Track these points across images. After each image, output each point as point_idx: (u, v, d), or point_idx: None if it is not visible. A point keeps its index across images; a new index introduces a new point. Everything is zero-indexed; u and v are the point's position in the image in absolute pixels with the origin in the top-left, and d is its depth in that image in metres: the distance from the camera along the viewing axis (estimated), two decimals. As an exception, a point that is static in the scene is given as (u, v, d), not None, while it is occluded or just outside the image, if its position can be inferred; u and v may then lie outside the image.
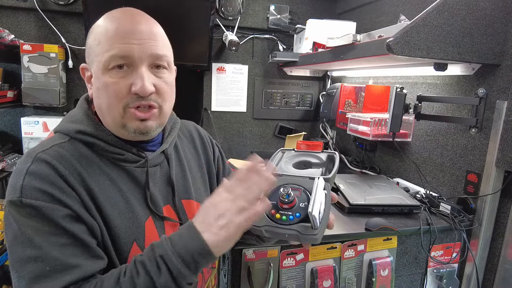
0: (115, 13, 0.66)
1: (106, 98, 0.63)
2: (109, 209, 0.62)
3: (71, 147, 0.64)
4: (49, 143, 0.63)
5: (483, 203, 1.11)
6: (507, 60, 1.06)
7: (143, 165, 0.69)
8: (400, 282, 1.13)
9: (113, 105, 0.63)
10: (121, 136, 0.68)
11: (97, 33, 0.64)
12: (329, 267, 1.02)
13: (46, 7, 1.73)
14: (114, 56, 0.61)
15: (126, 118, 0.64)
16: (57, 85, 1.71)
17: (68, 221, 0.56)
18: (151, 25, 0.66)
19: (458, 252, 1.14)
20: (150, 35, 0.64)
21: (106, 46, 0.62)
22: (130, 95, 0.63)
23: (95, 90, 0.66)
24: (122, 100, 0.63)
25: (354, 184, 1.36)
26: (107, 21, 0.64)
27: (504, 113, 1.05)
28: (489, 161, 1.10)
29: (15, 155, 1.72)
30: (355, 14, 1.96)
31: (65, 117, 0.70)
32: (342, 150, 2.02)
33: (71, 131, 0.65)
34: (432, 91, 1.37)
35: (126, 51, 0.61)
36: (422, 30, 0.96)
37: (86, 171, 0.62)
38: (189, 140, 0.88)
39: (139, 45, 0.62)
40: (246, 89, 2.14)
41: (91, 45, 0.65)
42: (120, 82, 0.62)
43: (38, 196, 0.55)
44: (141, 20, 0.65)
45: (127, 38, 0.62)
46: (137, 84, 0.62)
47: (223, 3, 1.92)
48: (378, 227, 1.04)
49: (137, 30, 0.63)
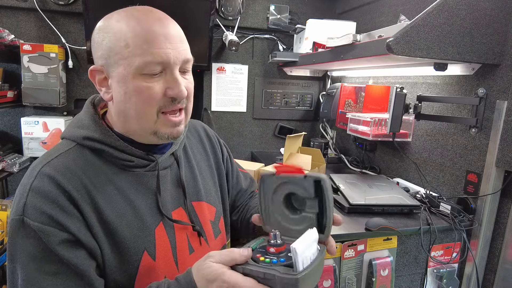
0: (136, 13, 0.62)
1: (138, 104, 0.61)
2: (116, 221, 0.61)
3: (77, 155, 0.63)
4: (55, 152, 0.63)
5: (483, 203, 1.11)
6: (507, 60, 1.06)
7: (153, 169, 0.68)
8: (400, 282, 1.13)
9: (147, 110, 0.62)
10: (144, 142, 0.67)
11: (121, 34, 0.60)
12: (329, 267, 1.02)
13: (46, 7, 1.73)
14: (152, 63, 0.59)
15: (159, 124, 0.63)
16: (57, 85, 1.71)
17: (64, 248, 0.56)
18: (177, 28, 0.65)
19: (458, 252, 1.14)
20: (181, 38, 0.64)
21: (139, 50, 0.59)
22: (165, 98, 0.62)
23: (122, 95, 0.62)
24: (156, 105, 0.62)
25: (354, 184, 1.36)
26: (132, 22, 0.60)
27: (504, 113, 1.05)
28: (489, 161, 1.10)
29: (15, 155, 1.72)
30: (355, 14, 1.96)
31: (72, 122, 0.69)
32: (342, 150, 2.02)
33: (78, 137, 0.64)
34: (432, 91, 1.37)
35: (164, 57, 0.60)
36: (422, 30, 0.96)
37: (92, 183, 0.61)
38: (198, 140, 0.86)
39: (174, 49, 0.61)
40: (246, 89, 2.14)
41: (113, 47, 0.60)
42: (155, 86, 0.61)
43: (37, 217, 0.55)
44: (168, 23, 0.63)
45: (163, 43, 0.60)
46: (174, 88, 0.62)
47: (223, 3, 1.92)
48: (378, 227, 1.04)
49: (170, 34, 0.61)
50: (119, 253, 0.61)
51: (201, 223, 0.75)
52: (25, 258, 0.55)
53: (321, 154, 1.47)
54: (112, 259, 0.60)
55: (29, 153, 1.74)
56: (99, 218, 0.60)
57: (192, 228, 0.72)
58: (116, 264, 0.61)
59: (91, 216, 0.59)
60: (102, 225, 0.60)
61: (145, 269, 0.63)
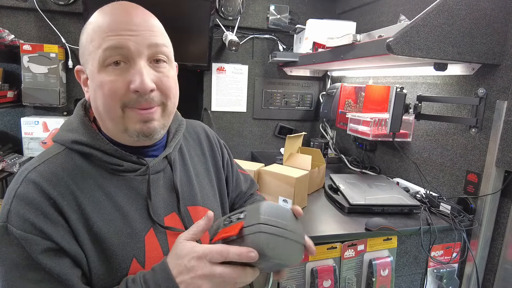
0: (106, 7, 0.60)
1: (103, 99, 0.58)
2: (104, 228, 0.59)
3: (66, 159, 0.61)
4: (44, 157, 0.61)
5: (483, 203, 1.11)
6: (507, 60, 1.06)
7: (144, 173, 0.65)
8: (400, 282, 1.13)
9: (111, 105, 0.58)
10: (123, 142, 0.64)
11: (89, 30, 0.59)
12: (329, 267, 1.02)
13: (46, 7, 1.73)
14: (108, 49, 0.56)
15: (127, 120, 0.59)
16: (57, 85, 1.71)
17: (47, 256, 0.54)
18: (146, 16, 0.61)
19: (458, 252, 1.14)
20: (147, 26, 0.59)
21: (99, 41, 0.57)
22: (129, 93, 0.58)
23: (92, 92, 0.60)
24: (120, 100, 0.58)
25: (354, 184, 1.36)
26: (98, 16, 0.59)
27: (504, 113, 1.05)
28: (489, 161, 1.10)
29: (15, 155, 1.72)
30: (355, 14, 1.96)
31: (62, 125, 0.67)
32: (342, 150, 2.02)
33: (66, 141, 0.62)
34: (432, 91, 1.37)
35: (120, 43, 0.56)
36: (422, 30, 0.96)
37: (79, 189, 0.59)
38: (196, 142, 0.83)
39: (135, 36, 0.57)
40: (246, 89, 2.14)
41: (84, 44, 0.60)
42: (117, 79, 0.57)
43: (20, 225, 0.53)
44: (136, 12, 0.60)
45: (121, 30, 0.57)
46: (136, 81, 0.57)
47: (223, 3, 1.92)
48: (378, 227, 1.04)
49: (132, 21, 0.58)
50: (107, 260, 0.59)
51: None
52: (8, 265, 0.54)
53: (321, 154, 1.47)
54: (99, 266, 0.58)
55: (29, 153, 1.74)
56: (86, 225, 0.58)
57: None
58: (103, 271, 0.59)
59: (77, 223, 0.57)
60: (89, 232, 0.58)
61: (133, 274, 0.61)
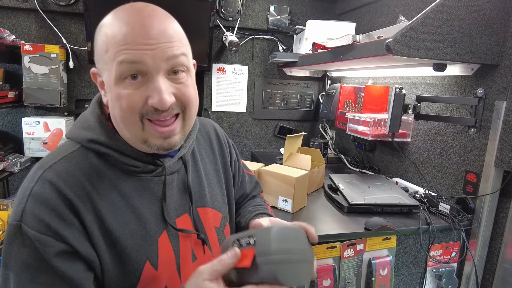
0: (122, 12, 0.57)
1: (121, 112, 0.57)
2: (118, 230, 0.58)
3: (81, 158, 0.60)
4: (59, 154, 0.60)
5: (482, 203, 1.11)
6: (506, 60, 1.06)
7: (160, 174, 0.64)
8: (400, 281, 1.14)
9: (129, 119, 0.57)
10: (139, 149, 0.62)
11: (103, 38, 0.56)
12: (329, 266, 1.02)
13: (47, 7, 1.74)
14: (123, 63, 0.54)
15: (147, 133, 0.58)
16: (58, 85, 1.71)
17: (60, 259, 0.53)
18: (164, 25, 0.57)
19: (457, 252, 1.14)
20: (164, 37, 0.56)
21: (114, 52, 0.55)
22: (147, 107, 0.56)
23: (110, 100, 0.59)
24: (139, 112, 0.56)
25: (354, 183, 1.36)
26: (114, 23, 0.56)
27: (503, 113, 1.05)
28: (488, 161, 1.10)
29: (16, 155, 1.72)
30: (355, 14, 1.96)
31: (77, 122, 0.65)
32: (342, 150, 2.03)
33: (83, 140, 0.61)
34: (431, 91, 1.38)
35: (136, 57, 0.54)
36: (421, 31, 0.96)
37: (95, 189, 0.58)
38: (206, 141, 0.82)
39: (152, 50, 0.55)
40: (246, 89, 2.15)
41: (99, 51, 0.58)
42: (135, 94, 0.56)
43: (35, 225, 0.52)
44: (152, 22, 0.56)
45: (137, 44, 0.54)
46: (154, 97, 0.55)
47: (223, 4, 1.92)
48: (378, 226, 1.04)
49: (149, 34, 0.55)
50: (121, 263, 0.58)
51: (205, 230, 0.72)
52: (20, 266, 0.53)
53: (320, 154, 1.47)
54: (112, 269, 0.58)
55: (30, 153, 1.75)
56: (101, 227, 0.57)
57: (197, 236, 0.69)
58: (116, 274, 0.58)
59: (93, 226, 0.56)
60: (104, 235, 0.57)
61: (147, 279, 0.60)
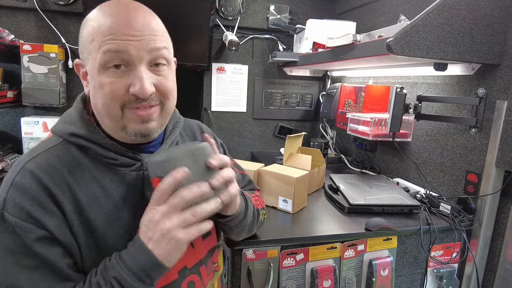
0: (107, 6, 0.61)
1: (103, 99, 0.60)
2: (98, 220, 0.61)
3: (63, 151, 0.62)
4: (42, 147, 0.63)
5: (483, 203, 1.11)
6: (507, 60, 1.06)
7: (139, 169, 0.66)
8: (400, 282, 1.13)
9: (111, 106, 0.60)
10: (119, 139, 0.65)
11: (89, 29, 0.60)
12: (329, 267, 1.02)
13: (46, 7, 1.74)
14: (108, 52, 0.58)
15: (126, 120, 0.62)
16: (57, 85, 1.71)
17: (40, 245, 0.56)
18: (148, 19, 0.61)
19: (458, 252, 1.14)
20: (148, 30, 0.60)
21: (99, 42, 0.58)
22: (128, 95, 0.60)
23: (92, 89, 0.62)
24: (120, 100, 0.60)
25: (354, 184, 1.36)
26: (100, 15, 0.60)
27: (504, 113, 1.05)
28: (489, 161, 1.10)
29: (15, 155, 1.72)
30: (355, 14, 1.96)
31: (61, 117, 0.68)
32: (342, 150, 2.02)
33: (64, 133, 0.64)
34: (432, 91, 1.37)
35: (121, 47, 0.58)
36: (422, 30, 0.96)
37: (75, 181, 0.60)
38: (191, 139, 0.84)
39: (136, 41, 0.58)
40: (246, 89, 2.14)
41: (84, 41, 0.61)
42: (117, 82, 0.59)
43: (16, 212, 0.55)
44: (137, 14, 0.60)
45: (122, 34, 0.58)
46: (136, 85, 0.59)
47: (223, 3, 1.92)
48: (378, 227, 1.04)
49: (133, 25, 0.59)
50: (100, 252, 0.61)
51: None
52: (3, 251, 0.56)
53: (321, 154, 1.46)
54: (92, 257, 0.60)
55: (29, 153, 1.74)
56: (81, 217, 0.60)
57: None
58: (96, 262, 0.60)
59: (72, 214, 0.59)
60: (84, 224, 0.60)
61: None
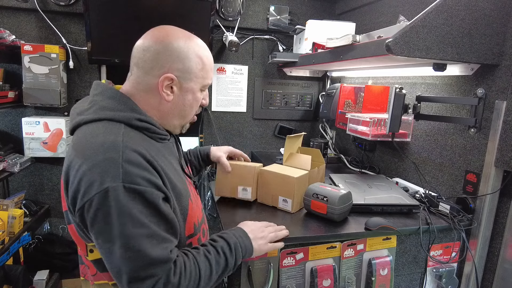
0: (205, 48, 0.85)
1: (192, 108, 0.86)
2: (173, 178, 0.78)
3: (133, 133, 0.74)
4: (115, 133, 0.71)
5: (482, 203, 1.11)
6: (506, 60, 1.06)
7: (170, 141, 0.88)
8: (400, 281, 1.14)
9: (192, 112, 0.87)
10: (165, 127, 0.85)
11: (199, 59, 0.82)
12: (329, 266, 1.02)
13: (47, 7, 1.74)
14: (208, 84, 0.87)
15: (188, 122, 0.89)
16: (58, 85, 1.71)
17: (162, 203, 0.71)
18: None
19: (457, 252, 1.14)
20: None
21: (207, 74, 0.85)
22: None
23: (184, 100, 0.83)
24: (196, 109, 0.88)
25: (354, 183, 1.36)
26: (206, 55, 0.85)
27: (503, 113, 1.05)
28: (488, 161, 1.10)
29: (16, 155, 1.72)
30: (355, 14, 1.96)
31: (102, 107, 0.76)
32: (342, 150, 2.03)
33: (131, 119, 0.75)
34: (431, 91, 1.38)
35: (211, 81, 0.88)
36: (421, 31, 0.96)
37: (152, 151, 0.74)
38: None
39: None
40: (246, 89, 2.15)
41: (193, 68, 0.81)
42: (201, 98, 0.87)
43: (139, 182, 0.67)
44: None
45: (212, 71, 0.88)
46: (206, 100, 0.90)
47: (223, 4, 1.92)
48: (378, 226, 1.04)
49: None
50: (179, 201, 0.79)
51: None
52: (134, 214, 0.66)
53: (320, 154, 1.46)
54: (176, 206, 0.78)
55: (30, 153, 1.75)
56: (168, 178, 0.75)
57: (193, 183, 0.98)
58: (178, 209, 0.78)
59: (164, 177, 0.74)
60: (170, 184, 0.76)
61: (190, 210, 0.84)
